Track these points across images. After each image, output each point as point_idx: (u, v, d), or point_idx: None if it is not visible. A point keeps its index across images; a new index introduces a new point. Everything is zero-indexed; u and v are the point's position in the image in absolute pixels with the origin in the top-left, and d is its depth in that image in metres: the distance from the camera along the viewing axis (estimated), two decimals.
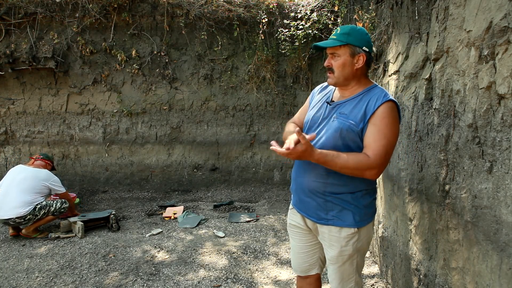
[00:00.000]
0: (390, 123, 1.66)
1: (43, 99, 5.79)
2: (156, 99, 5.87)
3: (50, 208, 3.96)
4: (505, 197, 1.39)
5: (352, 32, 1.71)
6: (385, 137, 1.64)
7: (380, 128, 1.65)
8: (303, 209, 1.88)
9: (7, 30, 5.37)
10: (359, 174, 1.66)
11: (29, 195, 3.87)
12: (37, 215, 3.88)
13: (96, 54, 5.64)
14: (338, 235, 1.76)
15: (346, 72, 1.73)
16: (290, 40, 5.31)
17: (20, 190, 3.85)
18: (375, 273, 3.11)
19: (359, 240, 1.78)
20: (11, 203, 3.78)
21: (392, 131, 1.67)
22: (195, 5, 5.44)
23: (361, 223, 1.76)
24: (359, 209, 1.76)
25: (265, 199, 5.39)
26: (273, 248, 3.66)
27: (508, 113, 1.37)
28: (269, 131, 6.04)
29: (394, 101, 1.70)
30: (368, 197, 1.80)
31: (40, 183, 3.98)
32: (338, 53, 1.73)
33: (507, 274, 1.38)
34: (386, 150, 1.64)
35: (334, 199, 1.75)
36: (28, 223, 3.88)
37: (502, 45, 1.38)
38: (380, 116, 1.65)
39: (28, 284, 2.98)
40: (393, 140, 1.68)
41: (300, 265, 2.03)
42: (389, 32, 2.97)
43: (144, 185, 5.92)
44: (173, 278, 3.06)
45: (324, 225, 1.80)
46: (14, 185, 3.89)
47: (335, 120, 1.74)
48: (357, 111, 1.70)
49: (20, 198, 3.81)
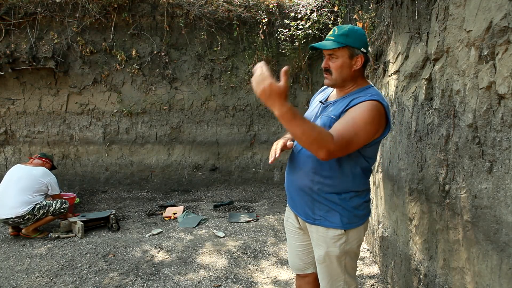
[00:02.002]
0: (365, 117, 1.57)
1: (43, 99, 5.79)
2: (156, 99, 5.87)
3: (49, 208, 3.95)
4: (505, 197, 1.39)
5: (351, 33, 1.69)
6: (354, 126, 1.54)
7: (354, 117, 1.57)
8: (294, 207, 1.89)
9: (7, 30, 5.37)
10: (313, 148, 1.48)
11: (27, 194, 3.86)
12: (36, 214, 3.87)
13: (96, 54, 5.64)
14: (325, 235, 1.74)
15: (344, 73, 1.72)
16: (290, 40, 5.31)
17: (17, 190, 3.85)
18: (375, 273, 3.11)
19: (347, 243, 1.74)
20: (9, 203, 3.78)
21: (364, 125, 1.56)
22: (195, 5, 5.44)
23: (349, 225, 1.73)
24: (347, 211, 1.72)
25: (265, 199, 5.39)
26: (273, 248, 3.66)
27: (508, 113, 1.37)
28: (269, 131, 6.04)
29: (380, 102, 1.63)
30: (357, 199, 1.75)
31: (37, 181, 3.96)
32: (337, 54, 1.70)
33: (507, 274, 1.38)
34: (350, 138, 1.52)
35: (322, 198, 1.73)
36: (28, 223, 3.88)
37: (502, 45, 1.38)
38: (358, 108, 1.60)
39: (28, 284, 2.98)
40: (362, 134, 1.56)
41: (296, 263, 2.02)
42: (389, 32, 2.97)
43: (144, 185, 5.92)
44: (173, 278, 3.06)
45: (312, 225, 1.79)
46: (11, 185, 3.89)
47: (321, 118, 1.76)
48: (341, 105, 1.69)
49: (18, 198, 3.81)
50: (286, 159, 1.96)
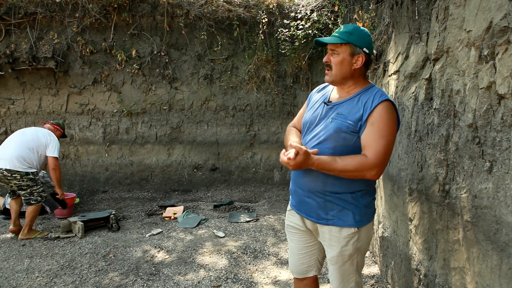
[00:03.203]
0: (387, 122, 1.66)
1: (43, 99, 5.79)
2: (156, 99, 5.87)
3: (33, 187, 3.96)
4: (505, 197, 1.39)
5: (355, 32, 1.72)
6: (383, 136, 1.64)
7: (378, 127, 1.65)
8: (302, 210, 1.88)
9: (7, 30, 5.37)
10: (360, 175, 1.66)
11: (23, 149, 3.96)
12: (22, 181, 3.89)
13: (96, 54, 5.64)
14: (339, 235, 1.77)
15: (343, 70, 1.74)
16: (290, 40, 5.31)
17: (17, 143, 4.00)
18: (375, 273, 3.11)
19: (359, 240, 1.78)
20: (5, 155, 3.92)
21: (390, 131, 1.66)
22: (195, 5, 5.44)
23: (361, 223, 1.76)
24: (359, 208, 1.76)
25: (265, 199, 5.39)
26: (273, 248, 3.66)
27: (508, 113, 1.37)
28: (269, 131, 6.04)
29: (391, 101, 1.70)
30: (367, 197, 1.80)
31: (37, 138, 4.07)
32: (338, 50, 1.73)
33: (507, 274, 1.38)
34: (385, 149, 1.64)
35: (334, 198, 1.75)
36: (11, 182, 3.89)
37: (502, 45, 1.38)
38: (378, 116, 1.65)
39: (28, 284, 2.98)
40: (391, 139, 1.67)
41: (298, 266, 2.02)
42: (389, 32, 2.98)
43: (144, 185, 5.92)
44: (173, 278, 3.06)
45: (324, 225, 1.80)
46: (14, 138, 4.08)
47: (334, 121, 1.74)
48: (355, 111, 1.70)
49: (14, 151, 3.93)
50: None
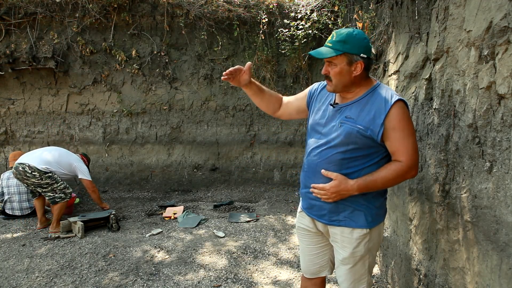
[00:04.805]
0: (407, 121, 1.68)
1: (43, 99, 5.79)
2: (156, 99, 5.87)
3: (54, 184, 4.01)
4: (505, 197, 1.39)
5: (349, 39, 1.65)
6: (407, 136, 1.67)
7: (400, 129, 1.66)
8: (314, 212, 1.87)
9: (7, 30, 5.37)
10: (401, 180, 1.74)
11: (52, 158, 4.09)
12: (40, 181, 3.94)
13: (96, 54, 5.64)
14: (350, 236, 1.76)
15: (343, 80, 1.70)
16: (290, 40, 5.30)
17: (47, 151, 4.16)
18: (375, 273, 3.11)
19: (370, 241, 1.78)
20: (35, 153, 4.14)
21: (411, 127, 1.70)
22: (195, 5, 5.44)
23: (372, 224, 1.76)
24: (371, 209, 1.76)
25: (265, 199, 5.38)
26: (273, 248, 3.66)
27: (508, 113, 1.37)
28: (269, 131, 6.04)
29: (402, 100, 1.68)
30: (379, 198, 1.80)
31: (68, 159, 4.24)
32: (335, 62, 1.69)
33: (507, 274, 1.38)
34: (414, 147, 1.68)
35: (346, 200, 1.74)
36: (29, 180, 3.94)
37: (502, 45, 1.38)
38: (397, 119, 1.65)
39: (28, 284, 2.98)
40: (414, 133, 1.72)
41: (310, 267, 2.03)
42: (389, 32, 2.98)
43: (144, 185, 5.92)
44: (173, 278, 3.06)
45: (336, 227, 1.80)
46: (46, 148, 4.34)
47: (343, 126, 1.71)
48: (365, 114, 1.68)
49: (42, 155, 4.08)
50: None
